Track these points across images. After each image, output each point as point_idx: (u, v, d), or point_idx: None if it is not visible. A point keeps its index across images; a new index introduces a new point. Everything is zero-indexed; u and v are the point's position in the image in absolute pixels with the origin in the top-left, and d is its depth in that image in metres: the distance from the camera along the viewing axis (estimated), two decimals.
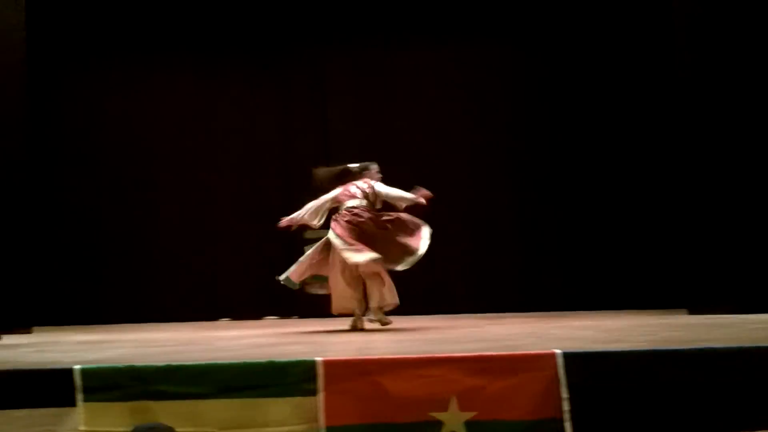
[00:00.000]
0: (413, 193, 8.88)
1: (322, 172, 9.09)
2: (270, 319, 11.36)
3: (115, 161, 11.88)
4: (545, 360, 5.29)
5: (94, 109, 11.94)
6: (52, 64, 11.72)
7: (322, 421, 5.21)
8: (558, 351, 5.28)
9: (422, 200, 8.84)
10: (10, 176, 9.44)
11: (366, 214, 8.71)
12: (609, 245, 11.85)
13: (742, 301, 9.32)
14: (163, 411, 5.23)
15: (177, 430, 5.15)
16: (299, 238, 11.78)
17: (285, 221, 8.94)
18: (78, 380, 5.18)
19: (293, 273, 8.82)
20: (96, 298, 11.63)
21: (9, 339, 8.37)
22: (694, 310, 9.60)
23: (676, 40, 10.14)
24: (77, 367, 5.22)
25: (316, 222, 8.92)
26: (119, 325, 10.74)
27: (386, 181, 9.00)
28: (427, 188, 11.45)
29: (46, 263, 11.43)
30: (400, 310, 11.00)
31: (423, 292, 11.56)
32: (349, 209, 8.70)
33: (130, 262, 11.78)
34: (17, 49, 9.80)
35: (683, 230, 10.15)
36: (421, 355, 5.46)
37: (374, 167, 9.13)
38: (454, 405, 5.25)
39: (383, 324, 8.72)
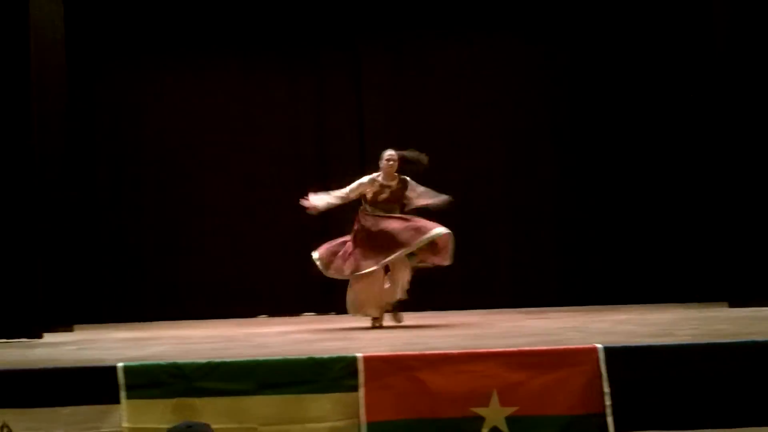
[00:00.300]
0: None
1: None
2: (308, 316, 11.38)
3: (153, 159, 11.92)
4: (586, 354, 5.28)
5: (132, 106, 11.98)
6: (89, 62, 11.77)
7: (363, 416, 5.22)
8: (599, 345, 5.27)
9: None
10: (49, 175, 9.49)
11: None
12: (650, 238, 11.77)
13: None
14: (205, 407, 5.26)
15: (219, 426, 5.18)
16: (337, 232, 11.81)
17: None
18: (121, 377, 5.22)
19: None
20: (135, 295, 11.70)
21: (51, 337, 8.43)
22: (734, 303, 9.53)
23: (715, 29, 10.05)
24: (120, 364, 5.26)
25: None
26: (158, 322, 10.80)
27: (419, 176, 8.96)
28: (464, 182, 11.54)
29: (86, 261, 11.50)
30: (440, 305, 11.05)
31: (463, 286, 11.54)
32: None
33: (168, 259, 11.82)
34: (57, 47, 9.87)
35: (723, 222, 10.07)
36: (462, 351, 5.46)
37: (383, 154, 8.76)
38: (495, 400, 5.24)
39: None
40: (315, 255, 8.68)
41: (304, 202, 8.73)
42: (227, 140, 11.98)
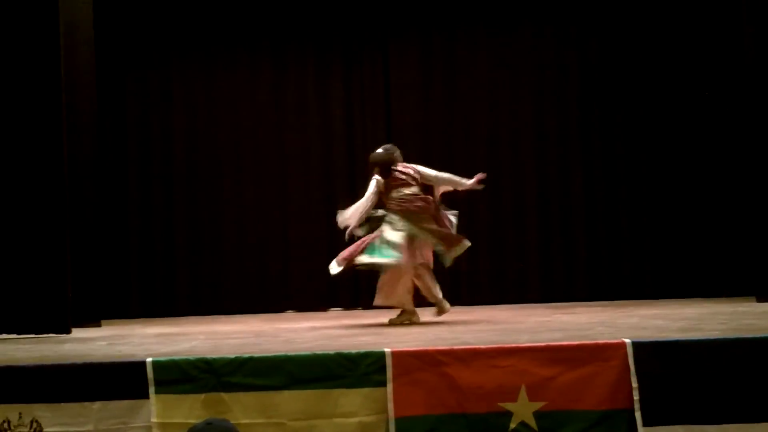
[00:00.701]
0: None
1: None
2: (335, 311, 11.41)
3: (183, 155, 11.92)
4: (615, 349, 5.28)
5: (162, 104, 11.98)
6: (120, 61, 11.83)
7: (391, 411, 5.24)
8: (628, 340, 5.26)
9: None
10: (79, 172, 9.55)
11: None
12: (678, 232, 11.72)
13: None
14: (234, 403, 5.29)
15: (248, 421, 5.21)
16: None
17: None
18: (150, 372, 5.25)
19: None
20: (164, 291, 11.73)
21: (80, 332, 8.47)
22: (762, 298, 9.50)
23: (744, 33, 10.02)
24: (149, 359, 5.29)
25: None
26: (188, 317, 10.84)
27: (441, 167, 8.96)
28: (493, 178, 11.49)
29: (115, 257, 11.56)
30: (469, 300, 11.05)
31: (492, 281, 11.54)
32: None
33: (198, 256, 11.84)
34: (87, 47, 9.92)
35: (752, 217, 10.03)
36: (490, 346, 5.46)
37: None
38: (523, 395, 5.24)
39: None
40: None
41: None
42: (256, 137, 12.00)
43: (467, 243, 8.48)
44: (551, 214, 11.86)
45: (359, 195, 11.83)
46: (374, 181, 8.57)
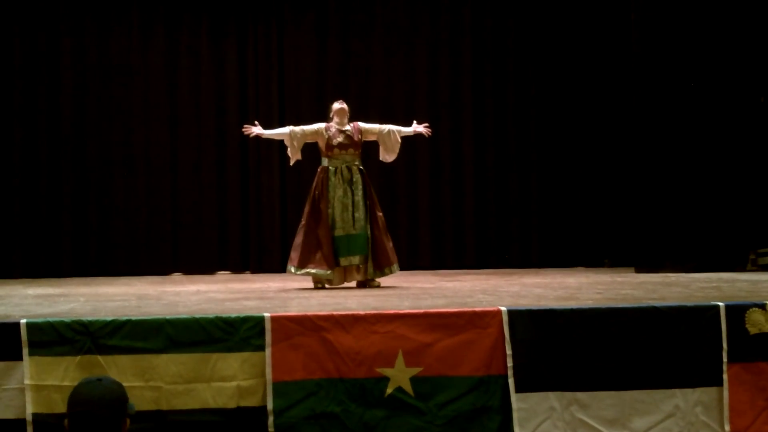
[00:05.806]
0: None
1: None
2: (223, 274, 11.35)
3: (72, 112, 11.73)
4: (491, 317, 5.35)
5: (51, 61, 11.76)
6: (5, 15, 11.57)
7: (269, 376, 5.24)
8: (503, 308, 5.34)
9: None
10: None
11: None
12: (566, 206, 11.99)
13: (685, 261, 9.58)
14: (111, 365, 5.22)
15: (125, 385, 5.15)
16: (255, 192, 11.76)
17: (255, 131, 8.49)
18: (24, 334, 5.15)
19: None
20: (49, 251, 11.55)
21: None
22: (640, 269, 9.79)
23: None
24: (23, 320, 5.19)
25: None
26: (72, 279, 10.69)
27: None
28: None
29: None
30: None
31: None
32: None
33: (86, 216, 11.68)
34: None
35: (634, 193, 10.38)
36: (369, 312, 5.48)
37: (334, 104, 8.54)
38: (400, 361, 5.29)
39: None
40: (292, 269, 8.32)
41: (249, 129, 8.55)
42: (148, 98, 11.89)
43: None
44: (442, 183, 12.00)
45: (251, 158, 11.87)
46: None
